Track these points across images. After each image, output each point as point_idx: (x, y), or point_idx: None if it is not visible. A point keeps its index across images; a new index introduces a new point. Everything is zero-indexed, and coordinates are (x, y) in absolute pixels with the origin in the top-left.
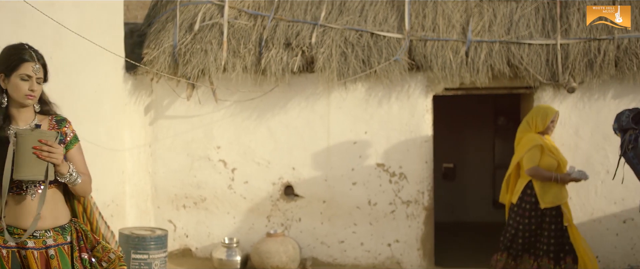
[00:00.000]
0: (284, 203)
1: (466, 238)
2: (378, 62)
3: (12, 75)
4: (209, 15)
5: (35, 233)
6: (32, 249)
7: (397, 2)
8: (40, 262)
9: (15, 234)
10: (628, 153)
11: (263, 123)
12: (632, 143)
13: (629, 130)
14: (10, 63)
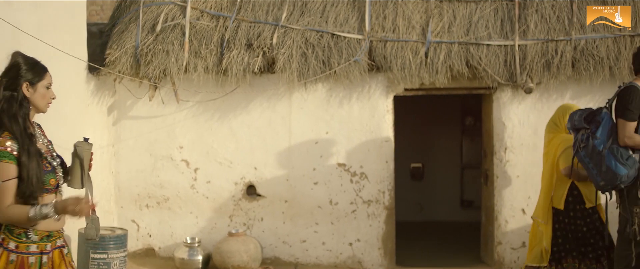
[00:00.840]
0: (246, 202)
1: (433, 238)
2: (338, 62)
3: (38, 84)
4: (171, 16)
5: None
6: (55, 250)
7: (358, 3)
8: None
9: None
10: (580, 152)
11: (225, 123)
12: (583, 143)
13: (581, 129)
14: (36, 73)
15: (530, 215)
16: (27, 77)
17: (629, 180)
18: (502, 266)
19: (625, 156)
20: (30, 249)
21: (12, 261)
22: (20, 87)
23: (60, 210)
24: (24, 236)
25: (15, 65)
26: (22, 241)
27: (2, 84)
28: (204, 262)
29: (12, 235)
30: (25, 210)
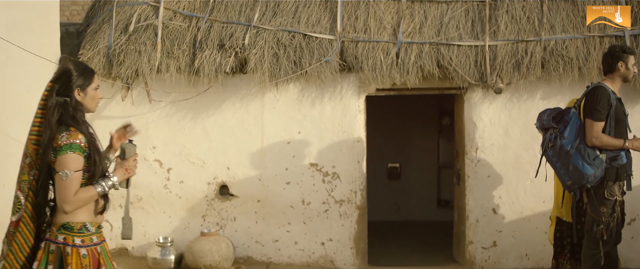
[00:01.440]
0: (219, 202)
1: (409, 237)
2: (309, 63)
3: (88, 88)
4: (144, 16)
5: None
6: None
7: (330, 4)
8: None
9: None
10: (548, 151)
11: (198, 123)
12: (551, 142)
13: (550, 129)
14: (86, 78)
15: (500, 214)
16: (78, 82)
17: (596, 180)
18: (473, 265)
19: (592, 156)
20: (93, 240)
21: (84, 256)
22: (72, 92)
23: (120, 177)
24: (84, 229)
25: (67, 71)
26: (85, 234)
27: (55, 90)
28: (177, 262)
29: (73, 232)
30: (92, 189)
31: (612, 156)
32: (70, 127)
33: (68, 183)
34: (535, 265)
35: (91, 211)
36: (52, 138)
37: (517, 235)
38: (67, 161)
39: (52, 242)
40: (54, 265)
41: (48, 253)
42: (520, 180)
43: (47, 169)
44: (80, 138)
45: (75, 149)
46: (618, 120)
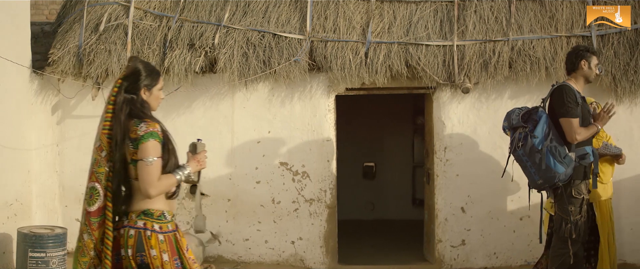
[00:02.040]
0: (190, 201)
1: (383, 236)
2: (279, 62)
3: (153, 88)
4: (115, 15)
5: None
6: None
7: (300, 4)
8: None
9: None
10: (518, 150)
11: (168, 122)
12: (521, 141)
13: (519, 128)
14: (153, 78)
15: (469, 213)
16: (145, 82)
17: (566, 178)
18: (442, 263)
19: (563, 155)
20: (169, 228)
21: (162, 241)
22: (139, 91)
23: (193, 168)
24: (162, 217)
25: (136, 71)
26: (163, 221)
27: (123, 87)
28: None
29: (153, 218)
30: (172, 176)
31: (581, 155)
32: (144, 118)
33: (152, 169)
34: (504, 263)
35: (166, 201)
36: (125, 131)
37: (486, 234)
38: (149, 148)
39: (131, 227)
40: (133, 249)
41: (127, 238)
42: (488, 179)
43: (122, 161)
44: (158, 128)
45: (155, 137)
46: (583, 118)
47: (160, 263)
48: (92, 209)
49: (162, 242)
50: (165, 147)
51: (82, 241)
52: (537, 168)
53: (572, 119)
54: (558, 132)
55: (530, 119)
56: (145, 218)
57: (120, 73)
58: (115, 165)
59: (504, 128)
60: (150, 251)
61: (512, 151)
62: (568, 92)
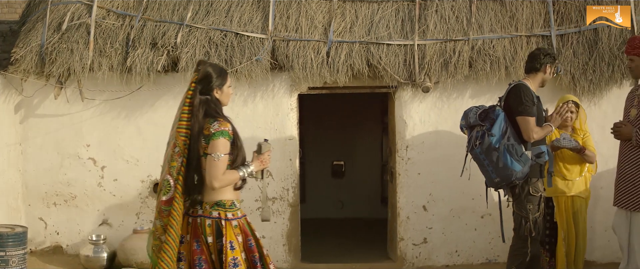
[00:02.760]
0: (153, 200)
1: (351, 234)
2: (240, 61)
3: (224, 87)
4: (77, 14)
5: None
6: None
7: (263, 3)
8: None
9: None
10: (475, 149)
11: (132, 121)
12: (479, 140)
13: (476, 126)
14: (223, 78)
15: (431, 211)
16: (216, 83)
17: (523, 176)
18: (404, 261)
19: (519, 153)
20: (239, 214)
21: (235, 227)
22: (212, 91)
23: (257, 167)
24: (233, 206)
25: (208, 74)
26: (234, 209)
27: (198, 90)
28: (109, 259)
29: (225, 208)
30: (236, 172)
31: (537, 154)
32: (217, 118)
33: (219, 164)
34: (465, 261)
35: (234, 191)
36: (201, 129)
37: (447, 232)
38: (219, 145)
39: (207, 217)
40: (213, 236)
41: (205, 227)
42: (450, 178)
43: (197, 156)
44: (229, 127)
45: (225, 135)
46: (538, 118)
47: (237, 246)
48: (164, 199)
49: (236, 227)
50: (235, 145)
51: (154, 226)
52: (494, 166)
53: (529, 118)
54: (515, 131)
55: (487, 118)
56: (218, 208)
57: (192, 77)
58: (190, 160)
59: (462, 126)
60: (224, 238)
61: (470, 150)
62: (525, 91)
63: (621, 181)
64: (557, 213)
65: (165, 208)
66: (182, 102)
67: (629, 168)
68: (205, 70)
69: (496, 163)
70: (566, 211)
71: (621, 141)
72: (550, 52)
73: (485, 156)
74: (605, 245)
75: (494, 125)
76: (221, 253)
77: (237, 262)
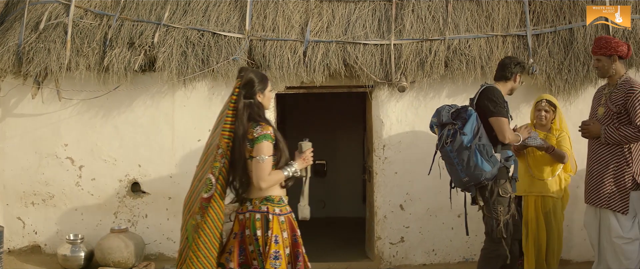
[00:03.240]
0: (131, 199)
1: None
2: (217, 61)
3: (265, 91)
4: (55, 14)
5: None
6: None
7: (240, 3)
8: None
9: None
10: (446, 147)
11: (109, 121)
12: (450, 138)
13: (448, 124)
14: (264, 83)
15: (408, 210)
16: (259, 87)
17: (491, 178)
18: (381, 260)
19: (490, 154)
20: (287, 210)
21: (282, 222)
22: (255, 95)
23: (299, 165)
24: (281, 201)
25: (251, 80)
26: (281, 205)
27: (242, 95)
28: (87, 258)
29: (274, 203)
30: (280, 172)
31: (506, 157)
32: (260, 122)
33: (264, 165)
34: (442, 260)
35: (281, 189)
36: (245, 132)
37: (424, 231)
38: (263, 148)
39: (256, 212)
40: (261, 229)
41: (253, 221)
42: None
43: (243, 158)
44: (271, 130)
45: (268, 138)
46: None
47: (281, 241)
48: (205, 196)
49: (283, 222)
50: (277, 146)
51: (195, 219)
52: (464, 165)
53: (503, 118)
54: (486, 132)
55: (459, 117)
56: (267, 203)
57: (235, 83)
58: (235, 161)
59: (433, 124)
60: (270, 231)
61: (440, 148)
62: (498, 93)
63: (590, 179)
64: (526, 212)
65: (205, 204)
66: (226, 106)
67: (597, 165)
68: (248, 76)
69: (467, 163)
70: (536, 210)
71: (590, 139)
72: (520, 61)
73: (456, 155)
74: (581, 244)
75: (466, 124)
76: (265, 246)
77: (278, 255)
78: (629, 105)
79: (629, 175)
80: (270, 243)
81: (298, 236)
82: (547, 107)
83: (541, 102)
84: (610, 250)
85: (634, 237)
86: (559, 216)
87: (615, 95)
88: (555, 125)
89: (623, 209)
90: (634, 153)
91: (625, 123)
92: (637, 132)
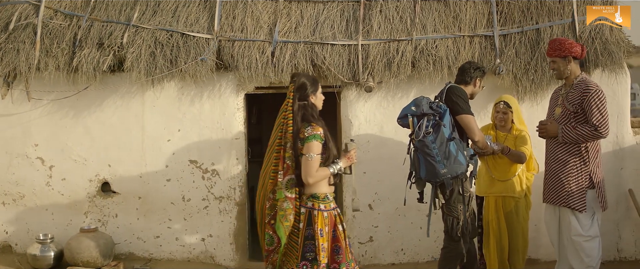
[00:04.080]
0: (101, 199)
1: None
2: (185, 61)
3: (317, 93)
4: (25, 15)
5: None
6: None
7: (210, 3)
8: None
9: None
10: (427, 137)
11: (80, 121)
12: (431, 128)
13: (428, 115)
14: (316, 86)
15: (377, 210)
16: (311, 90)
17: (463, 173)
18: None
19: (463, 149)
20: (331, 206)
21: (325, 217)
22: (308, 97)
23: (344, 164)
24: (326, 198)
25: (304, 84)
26: (326, 202)
27: (297, 97)
28: (56, 258)
29: (319, 200)
30: (327, 169)
31: (471, 155)
32: (311, 122)
33: (312, 162)
34: (411, 259)
35: (328, 186)
36: (298, 131)
37: (393, 230)
38: (312, 146)
39: (303, 206)
40: (304, 223)
41: (300, 214)
42: (395, 176)
43: (296, 155)
44: (320, 131)
45: (318, 138)
46: None
47: (323, 234)
48: (291, 196)
49: (326, 218)
50: (326, 146)
51: (283, 210)
52: (443, 156)
53: (473, 117)
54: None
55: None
56: (313, 200)
57: (289, 87)
58: (293, 158)
59: (411, 113)
60: (315, 226)
61: (421, 137)
62: (463, 92)
63: (548, 178)
64: (486, 212)
65: (292, 204)
66: (283, 108)
67: (555, 165)
68: (301, 80)
69: (448, 155)
70: (497, 211)
71: (547, 139)
72: (480, 66)
73: (437, 146)
74: (548, 243)
75: (444, 117)
76: (307, 239)
77: (324, 248)
78: (585, 105)
79: (586, 174)
80: (318, 236)
81: (339, 232)
82: (505, 108)
83: (499, 104)
84: (571, 248)
85: (594, 235)
86: (522, 216)
87: (572, 95)
88: (514, 125)
89: (581, 207)
90: (590, 152)
91: (582, 122)
92: (593, 131)
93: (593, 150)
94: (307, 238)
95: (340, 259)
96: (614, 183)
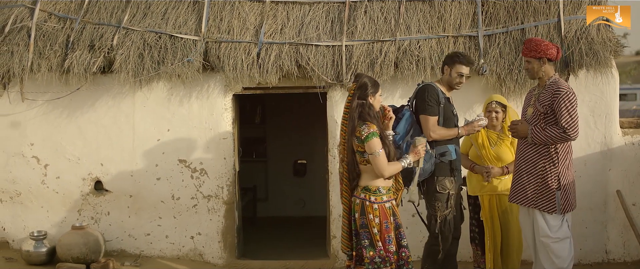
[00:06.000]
0: (94, 197)
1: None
2: (172, 63)
3: (376, 95)
4: (20, 18)
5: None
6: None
7: (198, 5)
8: None
9: (389, 192)
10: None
11: (73, 121)
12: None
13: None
14: (376, 88)
15: None
16: (371, 91)
17: (426, 174)
18: (336, 259)
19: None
20: (383, 199)
21: (376, 209)
22: (368, 97)
23: (412, 158)
24: (378, 191)
25: (365, 84)
26: (377, 194)
27: (356, 95)
28: (49, 254)
29: (370, 192)
30: (398, 163)
31: (442, 152)
32: (366, 121)
33: (381, 158)
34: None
35: (383, 180)
36: (354, 129)
37: None
38: (375, 144)
39: (357, 198)
40: (358, 213)
41: (355, 204)
42: None
43: (351, 150)
44: (375, 128)
45: (375, 135)
46: (446, 118)
47: (374, 224)
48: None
49: (376, 209)
50: (383, 141)
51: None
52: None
53: (429, 117)
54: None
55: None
56: (365, 191)
57: (351, 85)
58: (347, 153)
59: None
60: (368, 216)
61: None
62: (430, 91)
63: (517, 178)
64: (482, 211)
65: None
66: (345, 106)
67: (525, 165)
68: (363, 80)
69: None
70: (491, 210)
71: (518, 139)
72: (452, 54)
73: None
74: None
75: (399, 124)
76: (361, 228)
77: (377, 237)
78: (556, 106)
79: (554, 175)
80: (371, 225)
81: (389, 223)
82: (497, 108)
83: (491, 103)
84: (542, 250)
85: (563, 236)
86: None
87: (543, 96)
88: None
89: (550, 208)
90: (560, 153)
91: (552, 123)
92: (562, 133)
93: (563, 151)
94: (362, 227)
95: (391, 250)
96: (601, 184)
